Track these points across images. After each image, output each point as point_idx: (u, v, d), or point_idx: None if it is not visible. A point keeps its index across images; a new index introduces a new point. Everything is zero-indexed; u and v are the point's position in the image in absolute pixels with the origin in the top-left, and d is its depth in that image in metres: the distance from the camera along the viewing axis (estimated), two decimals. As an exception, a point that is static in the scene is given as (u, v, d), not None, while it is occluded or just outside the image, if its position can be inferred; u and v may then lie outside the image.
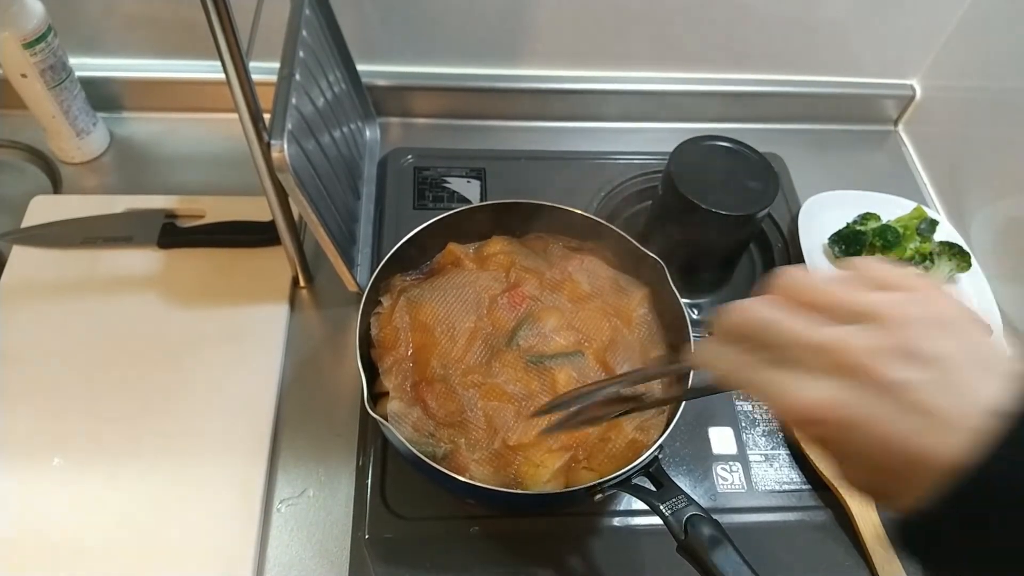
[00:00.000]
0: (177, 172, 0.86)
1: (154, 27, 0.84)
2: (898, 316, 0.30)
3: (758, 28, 0.90)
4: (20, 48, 0.72)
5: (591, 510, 0.65)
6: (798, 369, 0.31)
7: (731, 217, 0.71)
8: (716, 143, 0.75)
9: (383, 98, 0.91)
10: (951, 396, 0.29)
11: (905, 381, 0.29)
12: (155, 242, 0.77)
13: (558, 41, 0.90)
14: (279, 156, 0.59)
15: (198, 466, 0.64)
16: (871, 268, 0.33)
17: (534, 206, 0.71)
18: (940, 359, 0.29)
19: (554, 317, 0.66)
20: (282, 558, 0.62)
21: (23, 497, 0.61)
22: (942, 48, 0.94)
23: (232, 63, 0.55)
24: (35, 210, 0.78)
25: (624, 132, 0.97)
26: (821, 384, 0.30)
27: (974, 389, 0.29)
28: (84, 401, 0.66)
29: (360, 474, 0.65)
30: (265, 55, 0.61)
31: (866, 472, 0.32)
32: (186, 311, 0.73)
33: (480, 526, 0.64)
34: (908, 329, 0.30)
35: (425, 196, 0.86)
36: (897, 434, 0.29)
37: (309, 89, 0.68)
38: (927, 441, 0.29)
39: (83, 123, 0.82)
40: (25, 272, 0.74)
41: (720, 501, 0.67)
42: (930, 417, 0.29)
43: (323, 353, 0.74)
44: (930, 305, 0.31)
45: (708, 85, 0.96)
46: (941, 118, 0.97)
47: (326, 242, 0.67)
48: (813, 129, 1.00)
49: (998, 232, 0.85)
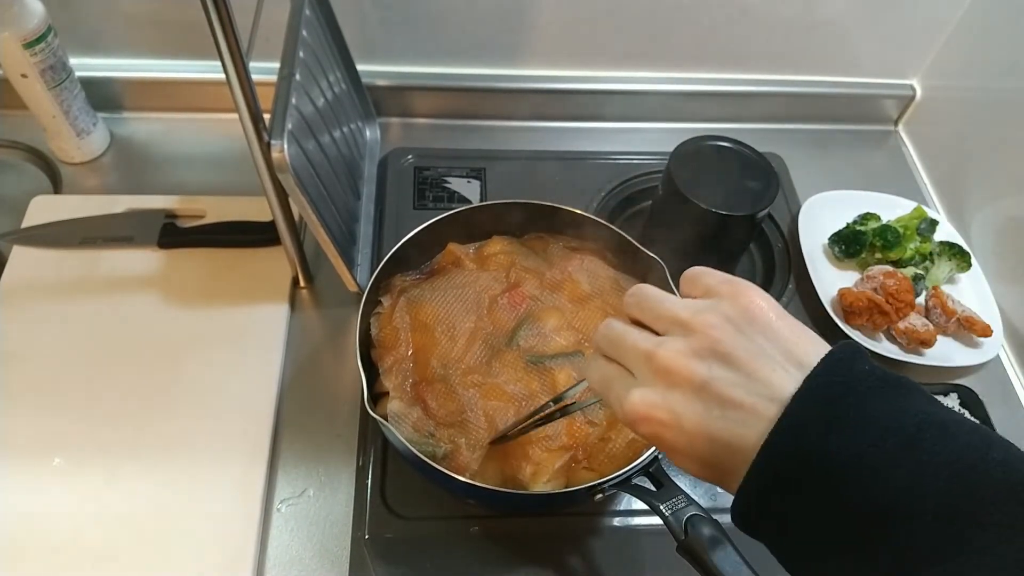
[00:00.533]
0: (177, 172, 0.86)
1: (154, 27, 0.84)
2: (705, 321, 0.34)
3: (758, 28, 0.90)
4: (20, 48, 0.72)
5: (591, 510, 0.65)
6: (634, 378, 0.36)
7: (731, 217, 0.71)
8: (716, 143, 0.75)
9: (383, 98, 0.91)
10: (751, 389, 0.33)
11: (709, 379, 0.33)
12: (155, 242, 0.77)
13: (558, 41, 0.90)
14: (279, 156, 0.59)
15: (198, 466, 0.64)
16: (697, 276, 0.38)
17: (534, 206, 0.71)
18: (739, 357, 0.33)
19: (554, 317, 0.66)
20: (282, 558, 0.62)
21: (23, 497, 0.61)
22: (942, 48, 0.94)
23: (232, 63, 0.55)
24: (35, 210, 0.78)
25: (624, 132, 0.97)
26: (645, 390, 0.35)
27: (770, 381, 0.33)
28: (84, 401, 0.66)
29: (360, 474, 0.65)
30: (265, 55, 0.62)
31: (694, 463, 0.35)
32: (186, 311, 0.73)
33: (480, 526, 0.64)
34: (712, 332, 0.34)
35: (425, 196, 0.86)
36: (709, 425, 0.33)
37: (309, 89, 0.68)
38: (736, 429, 0.33)
39: (83, 123, 0.82)
40: (25, 272, 0.74)
41: (720, 501, 0.67)
42: (736, 409, 0.33)
43: (323, 353, 0.74)
44: (736, 307, 0.35)
45: (708, 85, 0.96)
46: (941, 118, 0.97)
47: (326, 242, 0.67)
48: (813, 129, 1.00)
49: (998, 232, 0.85)
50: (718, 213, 0.70)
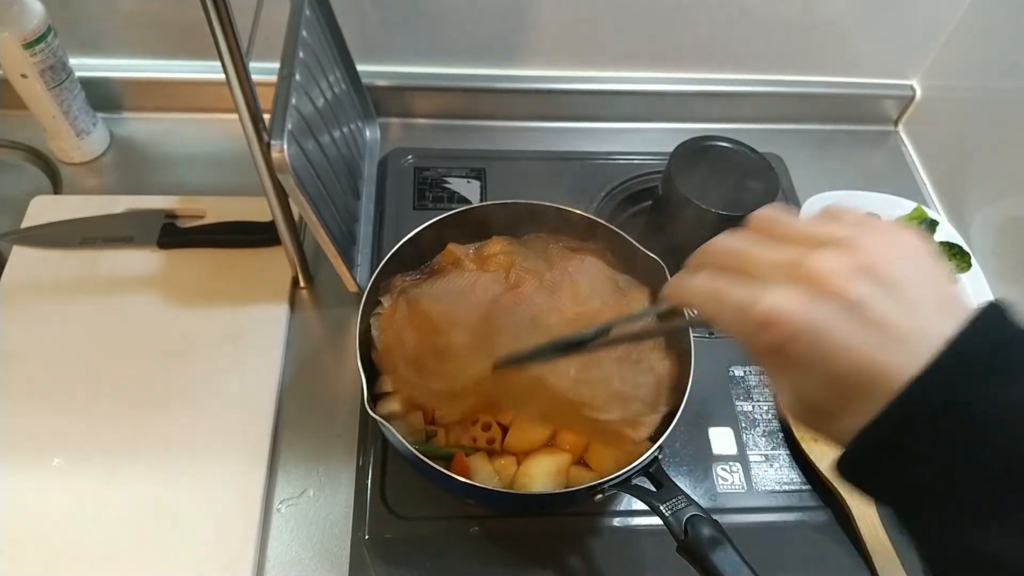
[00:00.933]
0: (177, 172, 0.86)
1: (154, 27, 0.84)
2: (861, 242, 0.31)
3: (758, 28, 0.90)
4: (20, 48, 0.72)
5: (591, 510, 0.65)
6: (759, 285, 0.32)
7: (731, 217, 0.71)
8: (716, 143, 0.75)
9: (383, 98, 0.91)
10: (907, 317, 0.30)
11: (864, 296, 0.30)
12: (155, 242, 0.77)
13: (558, 41, 0.90)
14: (279, 156, 0.59)
15: (198, 466, 0.64)
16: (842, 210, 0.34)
17: (534, 206, 0.71)
18: (899, 282, 0.30)
19: (554, 317, 0.66)
20: (282, 558, 0.62)
21: (23, 497, 0.61)
22: (942, 48, 0.94)
23: (232, 63, 0.55)
24: (35, 210, 0.78)
25: (624, 132, 0.97)
26: (785, 290, 0.31)
27: (929, 314, 0.30)
28: (84, 401, 0.66)
29: (360, 474, 0.65)
30: (265, 55, 0.61)
31: (814, 388, 0.32)
32: (186, 311, 0.73)
33: (480, 526, 0.64)
34: (869, 252, 0.31)
35: (425, 196, 0.86)
36: (852, 346, 0.30)
37: (309, 89, 0.68)
38: (880, 356, 0.30)
39: (83, 123, 0.82)
40: (25, 272, 0.74)
41: (720, 501, 0.67)
42: (886, 334, 0.30)
43: (323, 353, 0.74)
44: (893, 237, 0.32)
45: (708, 85, 0.96)
46: (941, 118, 0.97)
47: (326, 242, 0.67)
48: (813, 129, 1.00)
49: (998, 232, 0.85)
50: (718, 213, 0.70)
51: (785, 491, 0.68)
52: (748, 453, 0.70)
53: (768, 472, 0.69)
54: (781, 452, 0.71)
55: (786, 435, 0.71)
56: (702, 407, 0.72)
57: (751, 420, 0.72)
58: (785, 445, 0.71)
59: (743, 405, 0.73)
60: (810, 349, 0.30)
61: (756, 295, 0.31)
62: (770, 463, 0.70)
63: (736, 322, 0.33)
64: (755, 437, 0.71)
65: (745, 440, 0.71)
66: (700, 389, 0.62)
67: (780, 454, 0.70)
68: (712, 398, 0.73)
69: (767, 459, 0.70)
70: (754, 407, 0.73)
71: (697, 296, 0.35)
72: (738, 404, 0.73)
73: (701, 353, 0.62)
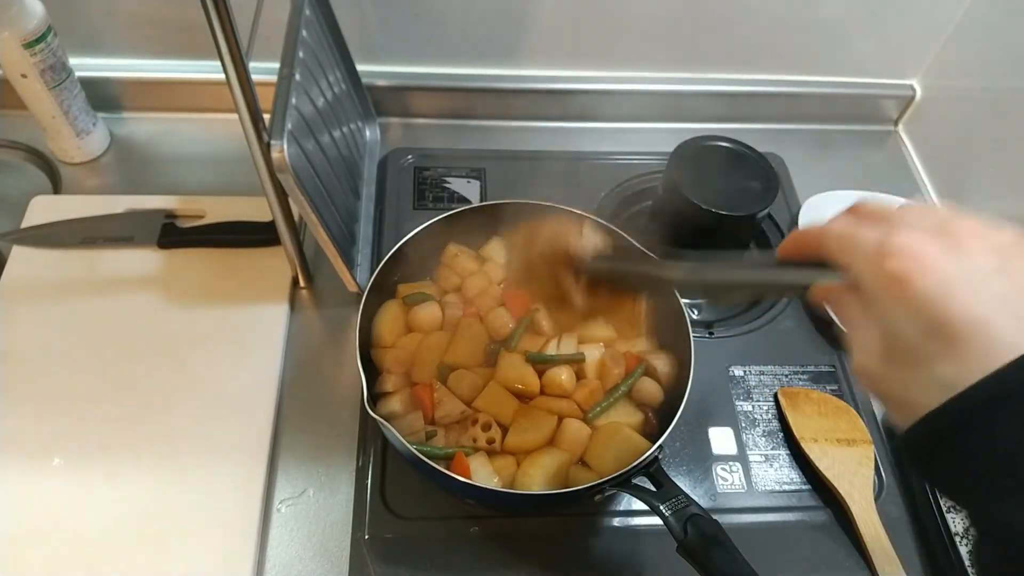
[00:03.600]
0: (177, 172, 0.86)
1: (154, 27, 0.84)
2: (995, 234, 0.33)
3: (758, 28, 0.90)
4: (20, 48, 0.72)
5: (591, 510, 0.65)
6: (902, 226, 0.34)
7: (731, 217, 0.71)
8: (716, 143, 0.75)
9: (383, 98, 0.91)
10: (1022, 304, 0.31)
11: (990, 269, 0.31)
12: (155, 242, 0.77)
13: (558, 41, 0.89)
14: (279, 156, 0.59)
15: (198, 466, 0.64)
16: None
17: (534, 206, 0.71)
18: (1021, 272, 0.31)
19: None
20: (282, 558, 0.62)
21: (23, 497, 0.61)
22: (942, 48, 0.94)
23: (232, 63, 0.55)
24: (35, 210, 0.78)
25: (624, 132, 0.97)
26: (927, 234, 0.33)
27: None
28: (84, 401, 0.66)
29: (360, 474, 0.65)
30: (265, 55, 0.61)
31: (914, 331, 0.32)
32: (186, 311, 0.73)
33: (480, 526, 0.64)
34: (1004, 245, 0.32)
35: (425, 196, 0.86)
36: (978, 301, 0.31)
37: (309, 89, 0.68)
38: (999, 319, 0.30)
39: (83, 123, 0.82)
40: (25, 272, 0.74)
41: (720, 501, 0.67)
42: (1007, 305, 0.30)
43: (323, 353, 0.74)
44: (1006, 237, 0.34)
45: (708, 85, 0.96)
46: (941, 118, 0.97)
47: (326, 242, 0.67)
48: (813, 129, 1.00)
49: (998, 232, 0.85)
50: (718, 213, 0.70)
51: (785, 491, 0.68)
52: (748, 453, 0.70)
53: (768, 472, 0.69)
54: (781, 452, 0.70)
55: (786, 435, 0.71)
56: (702, 407, 0.72)
57: (751, 420, 0.72)
58: (785, 445, 0.71)
59: (743, 405, 0.73)
60: (937, 286, 0.31)
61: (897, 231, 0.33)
62: (770, 463, 0.70)
63: (870, 250, 0.34)
64: (755, 437, 0.71)
65: (745, 440, 0.71)
66: (700, 389, 0.62)
67: (780, 454, 0.70)
68: (712, 398, 0.73)
69: (767, 459, 0.70)
70: (754, 407, 0.73)
71: (833, 231, 0.37)
72: (738, 404, 0.73)
73: (701, 353, 0.62)
